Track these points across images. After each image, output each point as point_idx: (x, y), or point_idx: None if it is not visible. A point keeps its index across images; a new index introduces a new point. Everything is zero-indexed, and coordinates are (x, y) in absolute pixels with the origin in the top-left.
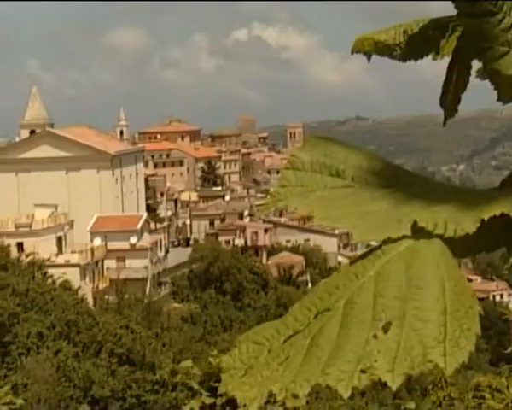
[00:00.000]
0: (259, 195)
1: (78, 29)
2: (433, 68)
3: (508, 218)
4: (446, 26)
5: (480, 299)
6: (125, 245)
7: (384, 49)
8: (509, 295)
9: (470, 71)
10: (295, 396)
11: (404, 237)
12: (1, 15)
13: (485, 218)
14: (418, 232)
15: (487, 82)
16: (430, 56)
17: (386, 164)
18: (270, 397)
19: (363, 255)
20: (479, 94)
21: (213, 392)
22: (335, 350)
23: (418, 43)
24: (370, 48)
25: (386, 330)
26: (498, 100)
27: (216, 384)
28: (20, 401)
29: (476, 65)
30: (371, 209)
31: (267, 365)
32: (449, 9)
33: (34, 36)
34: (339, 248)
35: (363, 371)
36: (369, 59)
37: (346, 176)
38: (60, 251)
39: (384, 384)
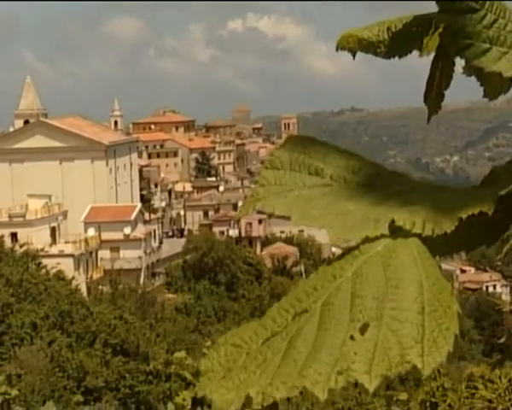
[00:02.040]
0: (253, 185)
1: (74, 19)
2: (428, 61)
3: (487, 216)
4: (430, 22)
5: (474, 290)
6: (118, 235)
7: (368, 47)
8: (502, 286)
9: (453, 68)
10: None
11: (382, 236)
12: None
13: (464, 217)
14: (396, 232)
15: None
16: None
17: (366, 163)
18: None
19: (341, 255)
20: (472, 85)
21: None
22: (312, 352)
23: (402, 41)
24: (355, 45)
25: (363, 331)
26: (484, 96)
27: None
28: (15, 392)
29: (461, 61)
30: (349, 208)
31: (245, 367)
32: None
33: (30, 26)
34: None
35: (339, 373)
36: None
37: (324, 175)
38: (53, 241)
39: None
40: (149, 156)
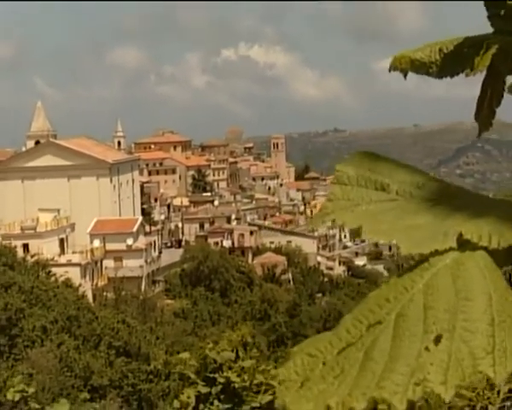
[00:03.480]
0: (245, 200)
1: (81, 48)
2: (404, 85)
3: None
4: (480, 43)
5: None
6: (121, 246)
7: (420, 67)
8: None
9: (504, 86)
10: None
11: (451, 249)
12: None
13: None
14: (463, 244)
15: (452, 99)
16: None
17: (429, 178)
18: None
19: (411, 268)
20: (444, 109)
21: (208, 382)
22: (389, 363)
23: (453, 61)
24: (407, 66)
25: (437, 342)
26: None
27: (211, 375)
28: (31, 390)
29: (509, 80)
30: (416, 223)
31: (323, 378)
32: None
33: (41, 55)
34: (318, 249)
35: (417, 384)
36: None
37: (390, 190)
38: (62, 252)
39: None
40: (150, 173)
